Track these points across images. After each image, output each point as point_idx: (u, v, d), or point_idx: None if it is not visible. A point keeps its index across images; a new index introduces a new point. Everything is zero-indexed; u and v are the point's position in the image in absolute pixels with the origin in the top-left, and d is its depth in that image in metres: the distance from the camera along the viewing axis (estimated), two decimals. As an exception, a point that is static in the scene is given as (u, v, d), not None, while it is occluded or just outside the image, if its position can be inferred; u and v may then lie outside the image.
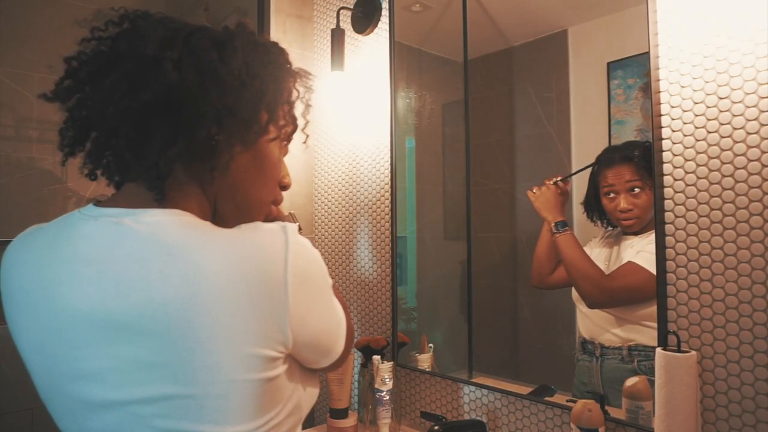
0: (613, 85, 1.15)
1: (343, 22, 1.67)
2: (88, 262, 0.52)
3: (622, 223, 1.14)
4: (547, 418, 1.18)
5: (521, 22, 1.38)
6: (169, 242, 0.51)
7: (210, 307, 0.49)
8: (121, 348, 0.50)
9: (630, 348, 1.08)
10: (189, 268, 0.49)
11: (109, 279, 0.51)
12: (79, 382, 0.53)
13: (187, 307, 0.48)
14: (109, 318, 0.50)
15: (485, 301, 1.42)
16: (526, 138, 1.37)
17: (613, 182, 1.13)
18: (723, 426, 0.93)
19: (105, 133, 0.56)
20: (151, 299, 0.49)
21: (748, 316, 0.91)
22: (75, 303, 0.52)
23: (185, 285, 0.49)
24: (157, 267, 0.50)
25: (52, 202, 1.55)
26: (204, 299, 0.48)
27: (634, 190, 1.10)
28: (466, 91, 1.45)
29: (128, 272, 0.50)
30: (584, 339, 1.17)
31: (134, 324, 0.50)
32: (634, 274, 1.07)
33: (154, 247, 0.51)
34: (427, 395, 1.45)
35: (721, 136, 0.94)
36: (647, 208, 1.08)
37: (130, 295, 0.50)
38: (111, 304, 0.50)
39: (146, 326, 0.49)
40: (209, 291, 0.49)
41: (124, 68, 0.55)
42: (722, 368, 0.93)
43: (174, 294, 0.49)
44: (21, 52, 1.49)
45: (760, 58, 0.90)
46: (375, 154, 1.62)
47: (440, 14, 1.57)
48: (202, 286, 0.49)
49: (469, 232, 1.43)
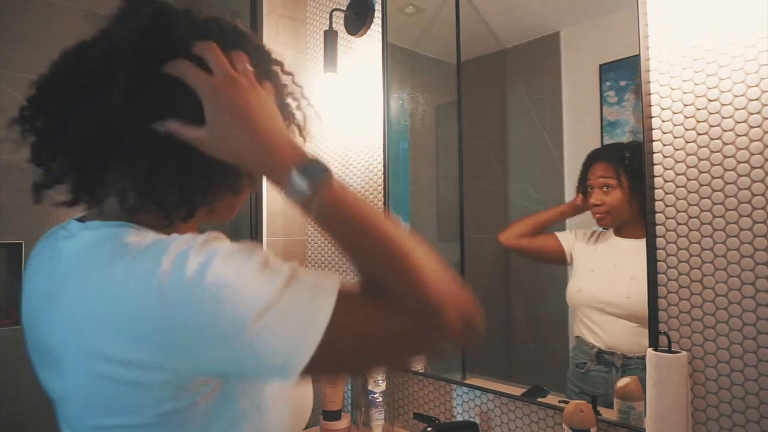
0: (605, 87, 1.16)
1: (336, 23, 1.68)
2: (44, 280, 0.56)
3: (594, 217, 1.18)
4: (539, 419, 1.18)
5: (514, 24, 1.38)
6: (68, 266, 0.53)
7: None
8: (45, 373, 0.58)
9: None
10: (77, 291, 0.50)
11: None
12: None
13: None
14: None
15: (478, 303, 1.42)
16: (519, 139, 1.38)
17: (589, 177, 1.18)
18: (713, 426, 0.94)
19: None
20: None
21: (737, 316, 0.91)
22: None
23: (71, 308, 0.50)
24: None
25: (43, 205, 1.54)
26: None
27: (606, 188, 1.14)
28: (459, 92, 1.45)
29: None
30: (600, 350, 1.15)
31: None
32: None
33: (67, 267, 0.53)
34: (420, 396, 1.45)
35: (711, 138, 0.95)
36: (618, 206, 1.13)
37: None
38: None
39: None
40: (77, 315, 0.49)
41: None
42: (712, 368, 0.94)
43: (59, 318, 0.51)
44: (12, 53, 1.48)
45: (749, 60, 0.90)
46: (368, 155, 1.62)
47: (433, 16, 1.57)
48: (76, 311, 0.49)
49: (462, 233, 1.43)
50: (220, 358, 0.46)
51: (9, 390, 1.43)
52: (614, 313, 1.14)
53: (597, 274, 1.21)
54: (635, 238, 1.14)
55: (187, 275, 0.44)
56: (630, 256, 1.14)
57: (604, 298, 1.16)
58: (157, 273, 0.45)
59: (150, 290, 0.45)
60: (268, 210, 1.72)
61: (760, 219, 0.89)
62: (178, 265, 0.45)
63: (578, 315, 1.21)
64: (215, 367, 0.48)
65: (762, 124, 0.89)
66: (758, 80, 0.89)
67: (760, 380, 0.89)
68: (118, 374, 0.47)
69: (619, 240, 1.17)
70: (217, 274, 0.45)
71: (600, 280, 1.20)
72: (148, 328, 0.45)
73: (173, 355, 0.46)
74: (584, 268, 1.22)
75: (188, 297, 0.44)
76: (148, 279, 0.45)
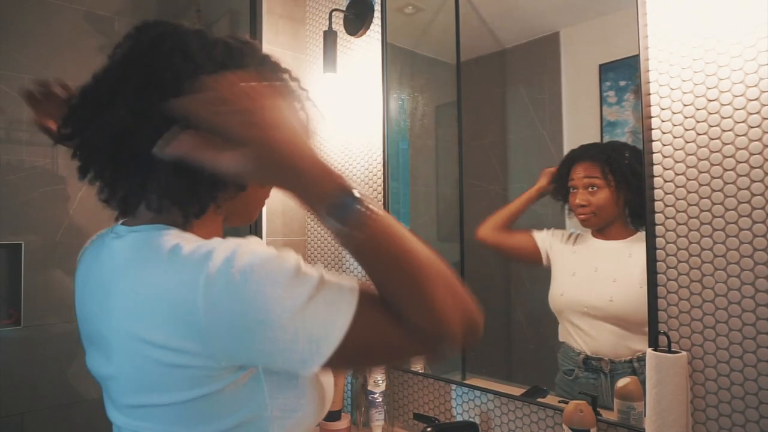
0: (604, 87, 1.16)
1: (336, 24, 1.68)
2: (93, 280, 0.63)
3: (579, 218, 1.17)
4: (539, 419, 1.18)
5: (514, 24, 1.38)
6: (121, 262, 0.58)
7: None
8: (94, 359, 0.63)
9: (639, 358, 1.05)
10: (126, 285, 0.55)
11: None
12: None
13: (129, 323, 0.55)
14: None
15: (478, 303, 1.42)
16: (519, 139, 1.38)
17: (573, 177, 1.17)
18: (713, 426, 0.94)
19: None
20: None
21: (737, 316, 0.91)
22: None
23: (122, 302, 0.55)
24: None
25: (44, 204, 1.55)
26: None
27: (592, 188, 1.14)
28: (459, 92, 1.45)
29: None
30: (587, 356, 1.14)
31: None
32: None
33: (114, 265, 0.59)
34: (420, 397, 1.45)
35: (711, 138, 0.95)
36: (604, 207, 1.13)
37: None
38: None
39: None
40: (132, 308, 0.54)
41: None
42: (712, 368, 0.94)
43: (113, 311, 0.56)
44: (11, 53, 1.48)
45: (748, 60, 0.90)
46: (368, 155, 1.62)
47: (433, 16, 1.57)
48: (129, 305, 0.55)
49: (462, 233, 1.43)
50: (256, 350, 0.51)
51: (9, 390, 1.44)
52: (598, 317, 1.13)
53: (578, 277, 1.19)
54: (615, 240, 1.14)
55: (232, 274, 0.50)
56: (611, 258, 1.14)
57: (587, 302, 1.15)
58: (205, 270, 0.50)
59: (198, 285, 0.50)
60: (268, 210, 1.72)
61: (759, 219, 0.89)
62: (225, 264, 0.50)
63: (563, 320, 1.20)
64: (249, 358, 0.53)
65: (761, 124, 0.89)
66: (757, 80, 0.89)
67: (759, 380, 0.89)
68: (161, 357, 0.52)
69: (599, 242, 1.17)
70: (258, 275, 0.50)
71: (582, 284, 1.18)
72: (193, 318, 0.50)
73: (212, 344, 0.51)
74: (565, 272, 1.21)
75: (232, 293, 0.49)
76: (197, 274, 0.50)
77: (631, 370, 1.07)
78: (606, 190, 1.12)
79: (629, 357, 1.08)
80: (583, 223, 1.18)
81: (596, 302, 1.12)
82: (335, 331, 0.51)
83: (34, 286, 1.52)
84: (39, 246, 1.54)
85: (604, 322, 1.12)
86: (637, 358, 1.06)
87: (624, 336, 1.09)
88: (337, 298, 0.52)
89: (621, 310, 1.09)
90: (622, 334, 1.09)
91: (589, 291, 1.16)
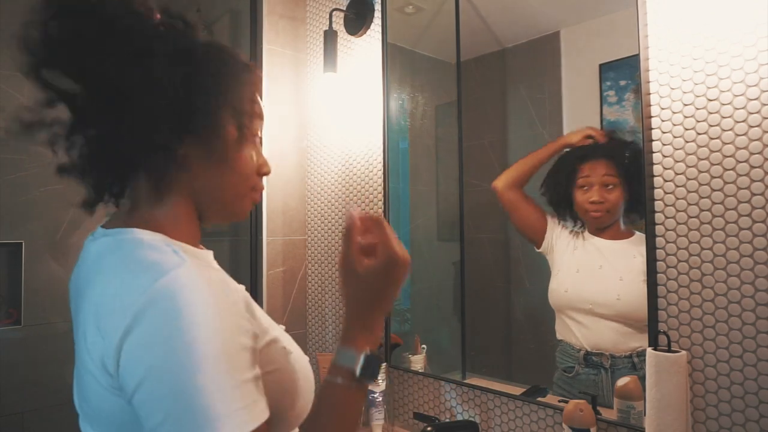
0: (605, 87, 1.16)
1: (336, 23, 1.68)
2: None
3: (591, 215, 1.16)
4: (539, 419, 1.18)
5: (514, 23, 1.39)
6: (91, 266, 0.58)
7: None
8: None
9: (639, 354, 1.06)
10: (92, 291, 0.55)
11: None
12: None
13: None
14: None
15: (478, 302, 1.42)
16: (519, 139, 1.38)
17: (588, 174, 1.16)
18: (713, 425, 0.94)
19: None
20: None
21: (737, 316, 0.91)
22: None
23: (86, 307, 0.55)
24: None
25: (44, 204, 1.55)
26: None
27: (608, 186, 1.14)
28: (459, 92, 1.46)
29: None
30: (587, 352, 1.15)
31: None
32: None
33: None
34: (420, 396, 1.45)
35: (710, 138, 0.95)
36: (617, 205, 1.13)
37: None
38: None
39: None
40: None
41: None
42: (712, 368, 0.94)
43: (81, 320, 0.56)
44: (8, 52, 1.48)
45: (748, 60, 0.90)
46: (368, 155, 1.62)
47: (433, 16, 1.57)
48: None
49: (462, 233, 1.43)
50: (141, 399, 0.49)
51: (9, 389, 1.44)
52: (603, 315, 1.13)
53: (582, 274, 1.20)
54: (615, 239, 1.15)
55: (154, 342, 0.48)
56: (616, 257, 1.14)
57: (592, 299, 1.15)
58: (148, 291, 0.49)
59: (136, 304, 0.49)
60: (269, 210, 1.72)
61: (759, 219, 0.89)
62: (163, 316, 0.48)
63: (562, 317, 1.21)
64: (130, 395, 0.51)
65: (761, 124, 0.89)
66: (757, 80, 0.89)
67: (759, 380, 0.89)
68: (92, 369, 0.52)
69: (601, 241, 1.17)
70: (187, 367, 0.47)
71: (587, 281, 1.18)
72: (116, 337, 0.49)
73: (119, 372, 0.50)
74: (567, 268, 1.21)
75: (160, 340, 0.48)
76: (139, 293, 0.49)
77: (631, 365, 1.08)
78: (618, 189, 1.13)
79: (629, 352, 1.09)
80: (595, 220, 1.17)
81: (603, 300, 1.13)
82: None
83: (34, 285, 1.52)
84: (39, 246, 1.54)
85: (608, 320, 1.13)
86: (637, 353, 1.07)
87: (626, 333, 1.10)
88: (248, 410, 0.49)
89: (628, 308, 1.09)
90: (625, 331, 1.10)
91: (594, 288, 1.16)
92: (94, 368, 0.52)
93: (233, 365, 0.49)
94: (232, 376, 0.48)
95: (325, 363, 1.36)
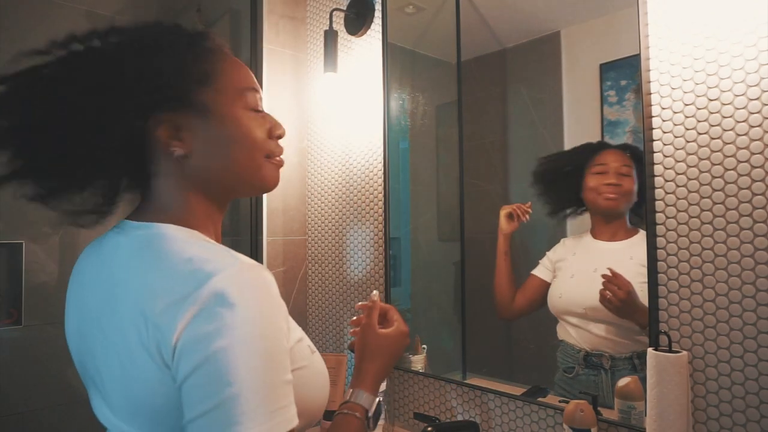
0: (605, 87, 1.16)
1: (336, 23, 1.68)
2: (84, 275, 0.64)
3: (605, 197, 1.16)
4: (540, 419, 1.18)
5: (514, 23, 1.38)
6: (126, 257, 0.59)
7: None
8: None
9: (639, 355, 1.06)
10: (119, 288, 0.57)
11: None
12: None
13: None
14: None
15: (479, 303, 1.42)
16: (520, 139, 1.38)
17: (606, 161, 1.16)
18: (714, 425, 0.94)
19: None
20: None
21: (738, 316, 0.91)
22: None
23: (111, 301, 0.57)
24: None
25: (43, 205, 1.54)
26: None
27: (624, 175, 1.14)
28: (460, 92, 1.45)
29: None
30: (587, 353, 1.15)
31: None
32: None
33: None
34: (420, 396, 1.45)
35: (711, 138, 0.95)
36: (630, 194, 1.13)
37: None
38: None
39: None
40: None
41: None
42: (713, 368, 0.94)
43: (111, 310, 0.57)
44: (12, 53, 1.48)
45: (749, 60, 0.90)
46: (368, 155, 1.62)
47: (433, 16, 1.57)
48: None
49: (462, 233, 1.43)
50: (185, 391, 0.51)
51: (9, 389, 1.43)
52: (598, 318, 1.13)
53: (576, 279, 1.20)
54: (614, 241, 1.15)
55: (211, 333, 0.49)
56: (611, 259, 1.14)
57: (586, 303, 1.15)
58: (206, 285, 0.50)
59: (194, 297, 0.50)
60: (269, 210, 1.72)
61: (760, 218, 0.89)
62: (211, 314, 0.50)
63: (561, 320, 1.21)
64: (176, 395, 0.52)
65: (762, 124, 0.89)
66: (758, 80, 0.89)
67: (760, 380, 0.89)
68: (148, 343, 0.52)
69: (599, 243, 1.18)
70: (238, 360, 0.49)
71: (580, 286, 1.19)
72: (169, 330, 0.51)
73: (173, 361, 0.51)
74: (563, 274, 1.22)
75: (217, 332, 0.49)
76: (196, 287, 0.50)
77: (631, 365, 1.08)
78: (631, 180, 1.12)
79: (629, 353, 1.09)
80: (607, 204, 1.16)
81: (595, 303, 1.12)
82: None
83: (34, 285, 1.52)
84: (39, 246, 1.54)
85: (604, 323, 1.13)
86: (637, 354, 1.07)
87: (625, 334, 1.10)
88: (285, 411, 0.52)
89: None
90: (623, 333, 1.10)
91: (588, 292, 1.15)
92: (143, 358, 0.52)
93: (279, 365, 0.52)
94: (278, 376, 0.51)
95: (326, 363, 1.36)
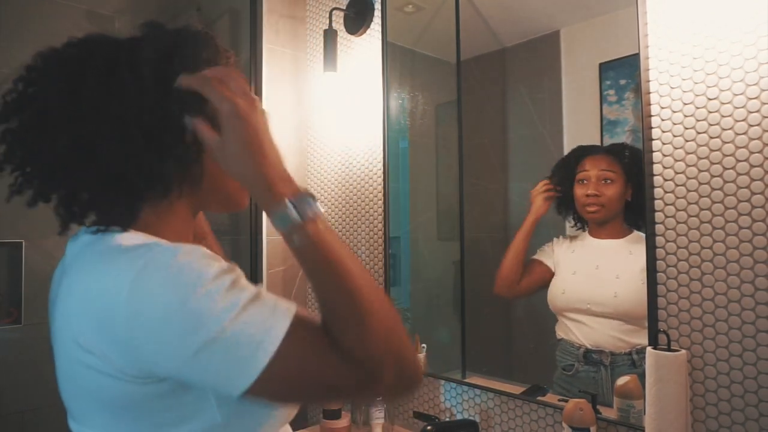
0: (605, 86, 1.16)
1: (336, 23, 1.68)
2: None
3: (587, 210, 1.17)
4: (539, 418, 1.18)
5: (514, 23, 1.39)
6: (69, 263, 0.58)
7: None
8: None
9: (638, 351, 1.07)
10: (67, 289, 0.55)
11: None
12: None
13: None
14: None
15: (478, 302, 1.42)
16: (519, 138, 1.38)
17: (588, 168, 1.16)
18: (713, 423, 0.94)
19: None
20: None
21: (736, 315, 0.92)
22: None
23: (63, 305, 0.55)
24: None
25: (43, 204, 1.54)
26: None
27: (606, 181, 1.14)
28: (459, 91, 1.46)
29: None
30: (587, 349, 1.15)
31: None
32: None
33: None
34: (420, 395, 1.45)
35: (710, 137, 0.95)
36: (613, 201, 1.13)
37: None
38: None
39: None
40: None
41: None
42: (712, 366, 0.94)
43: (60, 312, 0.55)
44: (12, 52, 1.48)
45: (748, 59, 0.90)
46: (368, 154, 1.62)
47: (433, 15, 1.57)
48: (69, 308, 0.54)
49: (462, 232, 1.43)
50: (172, 367, 0.49)
51: (10, 389, 1.44)
52: (601, 313, 1.14)
53: (579, 275, 1.21)
54: (612, 239, 1.15)
55: (156, 283, 0.48)
56: (611, 256, 1.15)
57: (590, 299, 1.16)
58: (130, 274, 0.49)
59: (121, 289, 0.48)
60: (268, 209, 1.72)
61: (759, 218, 0.89)
62: (152, 271, 0.48)
63: (562, 317, 1.21)
64: (168, 369, 0.50)
65: (761, 123, 0.89)
66: (757, 79, 0.89)
67: (759, 378, 0.89)
68: (88, 362, 0.52)
69: (597, 241, 1.18)
70: (184, 291, 0.48)
71: (584, 281, 1.20)
72: (114, 324, 0.49)
73: (131, 353, 0.50)
74: (565, 271, 1.23)
75: (153, 305, 0.48)
76: (122, 279, 0.49)
77: (631, 362, 1.09)
78: (617, 185, 1.13)
79: (629, 349, 1.09)
80: (589, 215, 1.18)
81: (600, 298, 1.13)
82: (267, 344, 0.48)
83: (35, 285, 1.52)
84: (39, 246, 1.54)
85: (606, 318, 1.13)
86: (636, 350, 1.07)
87: (625, 330, 1.10)
88: (271, 313, 0.50)
89: (625, 305, 1.10)
90: (625, 329, 1.11)
91: (592, 288, 1.17)
92: (93, 360, 0.51)
93: (237, 287, 0.50)
94: (240, 296, 0.49)
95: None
